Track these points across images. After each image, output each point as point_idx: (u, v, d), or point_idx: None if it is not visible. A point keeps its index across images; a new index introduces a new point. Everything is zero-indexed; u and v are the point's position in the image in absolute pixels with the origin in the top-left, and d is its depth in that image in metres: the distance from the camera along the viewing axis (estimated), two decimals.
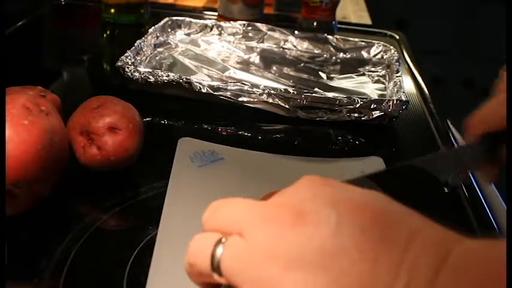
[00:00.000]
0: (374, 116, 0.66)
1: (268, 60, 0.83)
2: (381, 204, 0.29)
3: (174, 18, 0.89)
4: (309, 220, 0.27)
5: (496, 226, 0.53)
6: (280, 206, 0.29)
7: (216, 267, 0.29)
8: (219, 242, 0.29)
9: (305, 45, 0.88)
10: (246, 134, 0.65)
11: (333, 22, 0.97)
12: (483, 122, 0.44)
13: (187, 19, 0.90)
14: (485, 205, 0.55)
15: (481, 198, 0.56)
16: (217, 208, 0.31)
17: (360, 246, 0.26)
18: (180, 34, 0.89)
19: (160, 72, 0.68)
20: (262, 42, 0.89)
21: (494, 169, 0.45)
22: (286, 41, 0.88)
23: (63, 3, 1.06)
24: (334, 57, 0.86)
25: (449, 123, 0.72)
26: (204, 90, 0.66)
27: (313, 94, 0.68)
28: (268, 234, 0.28)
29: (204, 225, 0.31)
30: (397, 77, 0.74)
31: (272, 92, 0.66)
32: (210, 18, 0.99)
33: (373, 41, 0.88)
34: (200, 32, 0.89)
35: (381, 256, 0.26)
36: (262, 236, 0.28)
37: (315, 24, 0.96)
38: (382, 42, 0.87)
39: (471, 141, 0.44)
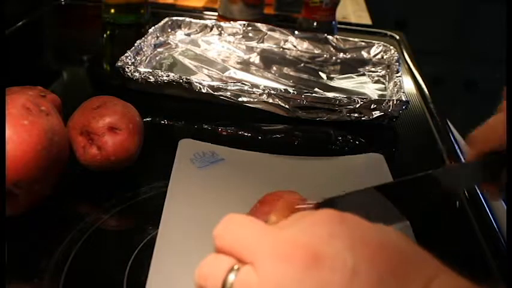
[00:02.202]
0: (374, 116, 0.66)
1: (268, 60, 0.83)
2: (397, 249, 0.28)
3: (174, 18, 0.89)
4: (325, 264, 0.27)
5: (496, 226, 0.53)
6: (296, 244, 0.28)
7: None
8: (231, 269, 0.29)
9: (305, 45, 0.88)
10: (246, 134, 0.65)
11: (333, 22, 0.97)
12: (483, 141, 0.44)
13: (187, 19, 0.90)
14: (485, 205, 0.55)
15: (481, 198, 0.56)
16: (231, 226, 0.31)
17: None
18: (180, 34, 0.89)
19: (160, 72, 0.68)
20: (262, 42, 0.89)
21: (494, 189, 0.45)
22: (286, 41, 0.88)
23: (63, 3, 1.06)
24: (334, 57, 0.86)
25: (449, 123, 0.72)
26: (204, 90, 0.66)
27: (313, 94, 0.68)
28: (281, 274, 0.27)
29: (215, 239, 0.31)
30: (397, 77, 0.74)
31: (272, 92, 0.66)
32: (210, 19, 0.99)
33: (373, 41, 0.88)
34: (200, 32, 0.89)
35: None
36: (275, 274, 0.27)
37: (315, 24, 0.96)
38: (382, 43, 0.87)
39: (472, 159, 0.44)
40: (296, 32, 0.88)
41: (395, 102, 0.66)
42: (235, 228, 0.30)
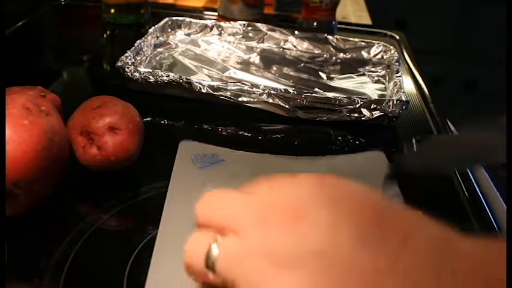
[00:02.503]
0: (374, 116, 0.66)
1: (268, 60, 0.83)
2: (377, 205, 0.29)
3: (174, 18, 0.89)
4: (306, 221, 0.27)
5: (496, 226, 0.53)
6: (277, 206, 0.29)
7: (211, 266, 0.29)
8: (214, 241, 0.29)
9: (305, 45, 0.88)
10: (246, 134, 0.65)
11: (333, 22, 0.97)
12: None
13: (187, 19, 0.90)
14: (485, 205, 0.55)
15: (481, 198, 0.56)
16: (212, 199, 0.31)
17: (355, 249, 0.26)
18: (180, 34, 0.89)
19: (160, 72, 0.68)
20: (262, 42, 0.89)
21: None
22: (286, 41, 0.88)
23: (63, 3, 1.06)
24: (334, 57, 0.86)
25: (449, 123, 0.72)
26: (204, 90, 0.66)
27: (313, 94, 0.68)
28: (264, 236, 0.28)
29: (197, 215, 0.31)
30: (397, 77, 0.74)
31: (272, 92, 0.66)
32: (210, 19, 0.99)
33: (373, 41, 0.88)
34: (200, 32, 0.89)
35: (376, 255, 0.26)
36: (258, 236, 0.28)
37: (315, 24, 0.96)
38: (382, 43, 0.87)
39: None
40: (296, 32, 0.88)
41: (395, 102, 0.66)
42: (215, 201, 0.31)
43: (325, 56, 0.87)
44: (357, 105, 0.66)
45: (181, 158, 0.55)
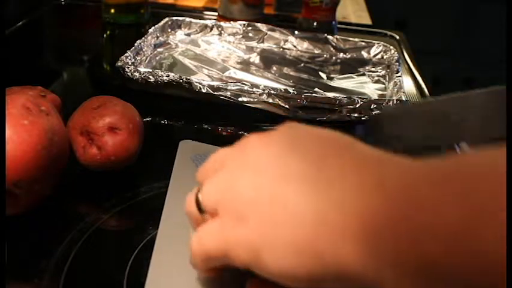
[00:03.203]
0: None
1: (268, 60, 0.83)
2: (337, 134, 0.32)
3: (174, 18, 0.89)
4: (271, 142, 0.33)
5: None
6: (248, 140, 0.34)
7: (202, 209, 0.34)
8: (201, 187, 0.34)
9: (305, 45, 0.88)
10: (246, 134, 0.65)
11: (333, 22, 0.97)
12: None
13: (187, 19, 0.90)
14: None
15: None
16: (204, 163, 0.37)
17: (310, 158, 0.30)
18: (180, 34, 0.89)
19: (160, 72, 0.68)
20: (262, 42, 0.89)
21: None
22: (286, 41, 0.88)
23: (63, 3, 1.06)
24: (334, 57, 0.86)
25: None
26: (204, 90, 0.66)
27: (313, 94, 0.68)
28: (236, 158, 0.34)
29: (197, 179, 0.37)
30: (397, 77, 0.74)
31: (272, 92, 0.66)
32: (210, 18, 0.99)
33: (373, 41, 0.88)
34: (200, 32, 0.89)
35: (327, 163, 0.29)
36: (232, 161, 0.34)
37: (315, 24, 0.96)
38: (382, 43, 0.87)
39: None
40: (296, 32, 0.88)
41: (395, 102, 0.66)
42: (207, 160, 0.37)
43: (325, 56, 0.87)
44: (357, 105, 0.66)
45: (181, 158, 0.55)
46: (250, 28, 0.89)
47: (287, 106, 0.66)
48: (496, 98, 0.39)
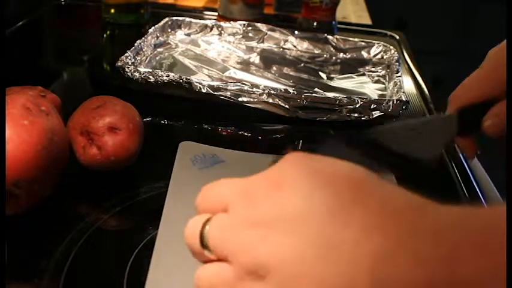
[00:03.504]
0: (374, 116, 0.66)
1: (268, 60, 0.83)
2: (357, 174, 0.30)
3: (174, 18, 0.89)
4: (285, 188, 0.29)
5: None
6: (260, 178, 0.31)
7: (205, 245, 0.31)
8: (207, 221, 0.31)
9: (305, 45, 0.88)
10: (246, 134, 0.65)
11: (333, 22, 0.97)
12: (462, 95, 0.46)
13: (187, 19, 0.90)
14: (485, 205, 0.55)
15: (481, 198, 0.56)
16: (207, 191, 0.33)
17: (331, 210, 0.27)
18: (180, 34, 0.89)
19: (160, 72, 0.68)
20: (262, 42, 0.89)
21: (470, 143, 0.47)
22: (286, 41, 0.88)
23: (63, 3, 1.06)
24: (334, 57, 0.86)
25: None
26: (204, 90, 0.66)
27: (313, 94, 0.68)
28: (248, 204, 0.30)
29: (197, 209, 0.33)
30: (397, 77, 0.74)
31: (272, 92, 0.66)
32: (210, 18, 0.99)
33: (373, 41, 0.88)
34: (200, 32, 0.89)
35: (351, 220, 0.27)
36: (241, 206, 0.30)
37: (315, 24, 0.96)
38: (382, 43, 0.87)
39: (452, 112, 0.45)
40: (296, 32, 0.88)
41: (395, 102, 0.66)
42: (210, 190, 0.33)
43: (325, 56, 0.87)
44: (357, 105, 0.66)
45: (181, 159, 0.55)
46: (250, 28, 0.89)
47: (287, 106, 0.66)
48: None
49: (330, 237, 0.27)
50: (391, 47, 0.86)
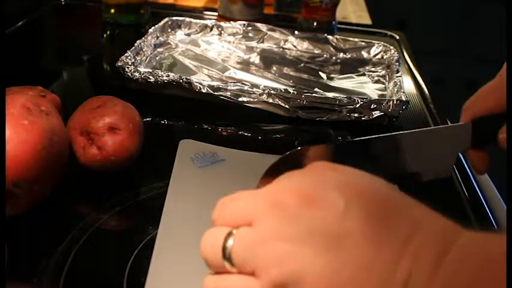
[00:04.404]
0: (374, 116, 0.66)
1: (268, 60, 0.83)
2: (387, 192, 0.29)
3: (174, 18, 0.89)
4: (316, 204, 0.28)
5: (496, 226, 0.53)
6: (287, 191, 0.30)
7: (227, 257, 0.30)
8: (229, 234, 0.30)
9: (305, 45, 0.88)
10: (246, 134, 0.65)
11: (333, 22, 0.97)
12: (476, 104, 0.44)
13: (187, 19, 0.90)
14: (485, 206, 0.55)
15: (481, 198, 0.56)
16: (225, 204, 0.32)
17: (365, 231, 0.27)
18: (180, 34, 0.89)
19: (160, 72, 0.68)
20: (262, 42, 0.89)
21: (482, 157, 0.45)
22: (286, 41, 0.88)
23: (63, 3, 1.06)
24: (334, 57, 0.86)
25: (449, 123, 0.72)
26: (204, 90, 0.66)
27: (313, 94, 0.68)
28: (276, 219, 0.29)
29: (214, 223, 0.32)
30: (397, 77, 0.74)
31: (272, 92, 0.66)
32: (210, 19, 0.99)
33: (373, 41, 0.88)
34: (200, 32, 0.89)
35: (384, 243, 0.27)
36: (271, 221, 0.29)
37: (315, 24, 0.96)
38: (382, 43, 0.87)
39: (466, 122, 0.44)
40: (296, 32, 0.88)
41: (395, 102, 0.66)
42: (229, 204, 0.32)
43: (325, 56, 0.87)
44: (357, 105, 0.66)
45: (181, 157, 0.55)
46: (250, 28, 0.89)
47: (287, 106, 0.66)
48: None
49: (363, 259, 0.27)
50: (391, 47, 0.86)
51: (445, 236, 0.27)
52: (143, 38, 0.79)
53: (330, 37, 0.87)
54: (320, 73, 0.80)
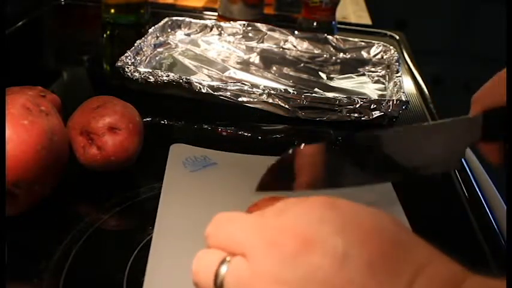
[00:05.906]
0: (374, 116, 0.66)
1: (268, 60, 0.83)
2: (389, 230, 0.28)
3: (174, 18, 0.89)
4: (315, 249, 0.27)
5: (495, 226, 0.53)
6: (286, 230, 0.28)
7: (219, 285, 0.29)
8: (223, 261, 0.29)
9: (305, 45, 0.88)
10: (246, 134, 0.65)
11: (333, 22, 0.97)
12: (487, 96, 0.43)
13: (187, 19, 0.90)
14: (485, 205, 0.55)
15: (481, 198, 0.56)
16: (221, 224, 0.31)
17: (365, 281, 0.26)
18: (180, 34, 0.89)
19: (160, 72, 0.68)
20: (262, 42, 0.89)
21: (495, 149, 0.43)
22: (286, 41, 0.88)
23: (63, 3, 1.06)
24: (334, 57, 0.86)
25: None
26: (204, 90, 0.66)
27: (313, 94, 0.68)
28: (273, 261, 0.27)
29: (207, 239, 0.31)
30: (397, 77, 0.74)
31: (272, 92, 0.66)
32: (210, 19, 0.99)
33: (373, 41, 0.88)
34: (200, 32, 0.89)
35: None
36: (267, 262, 0.28)
37: (315, 24, 0.96)
38: (382, 43, 0.87)
39: (476, 114, 0.43)
40: (296, 32, 0.88)
41: (395, 102, 0.66)
42: (225, 225, 0.31)
43: (325, 56, 0.87)
44: (357, 105, 0.66)
45: (172, 162, 0.55)
46: (250, 28, 0.89)
47: (287, 106, 0.66)
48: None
49: None
50: (391, 47, 0.86)
51: (449, 282, 0.26)
52: (143, 38, 0.79)
53: (329, 37, 0.87)
54: (320, 73, 0.80)
